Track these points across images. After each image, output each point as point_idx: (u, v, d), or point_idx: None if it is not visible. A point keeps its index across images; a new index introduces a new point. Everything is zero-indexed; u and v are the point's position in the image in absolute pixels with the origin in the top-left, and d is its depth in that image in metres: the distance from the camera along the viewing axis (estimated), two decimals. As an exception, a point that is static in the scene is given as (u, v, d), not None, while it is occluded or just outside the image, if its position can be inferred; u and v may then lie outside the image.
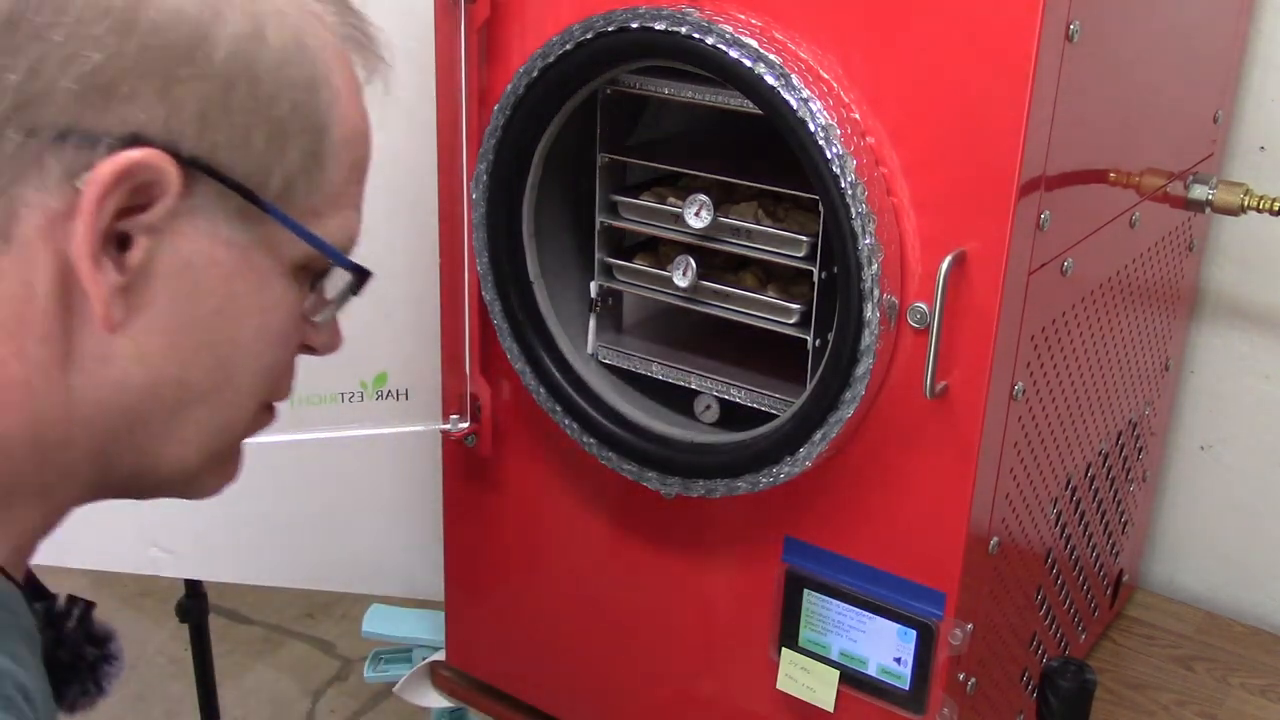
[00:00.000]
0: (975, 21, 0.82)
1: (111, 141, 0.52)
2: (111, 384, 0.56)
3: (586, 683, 1.24)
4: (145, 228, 0.54)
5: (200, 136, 0.55)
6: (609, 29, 0.94)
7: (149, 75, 0.53)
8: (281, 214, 0.58)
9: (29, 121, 0.51)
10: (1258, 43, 1.30)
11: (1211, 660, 1.35)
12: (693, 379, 1.07)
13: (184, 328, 0.57)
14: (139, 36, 0.52)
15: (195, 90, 0.54)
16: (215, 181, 0.55)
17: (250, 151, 0.56)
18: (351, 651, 2.37)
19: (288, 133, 0.58)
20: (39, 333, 0.54)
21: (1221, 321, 1.40)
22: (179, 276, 0.56)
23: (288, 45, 0.57)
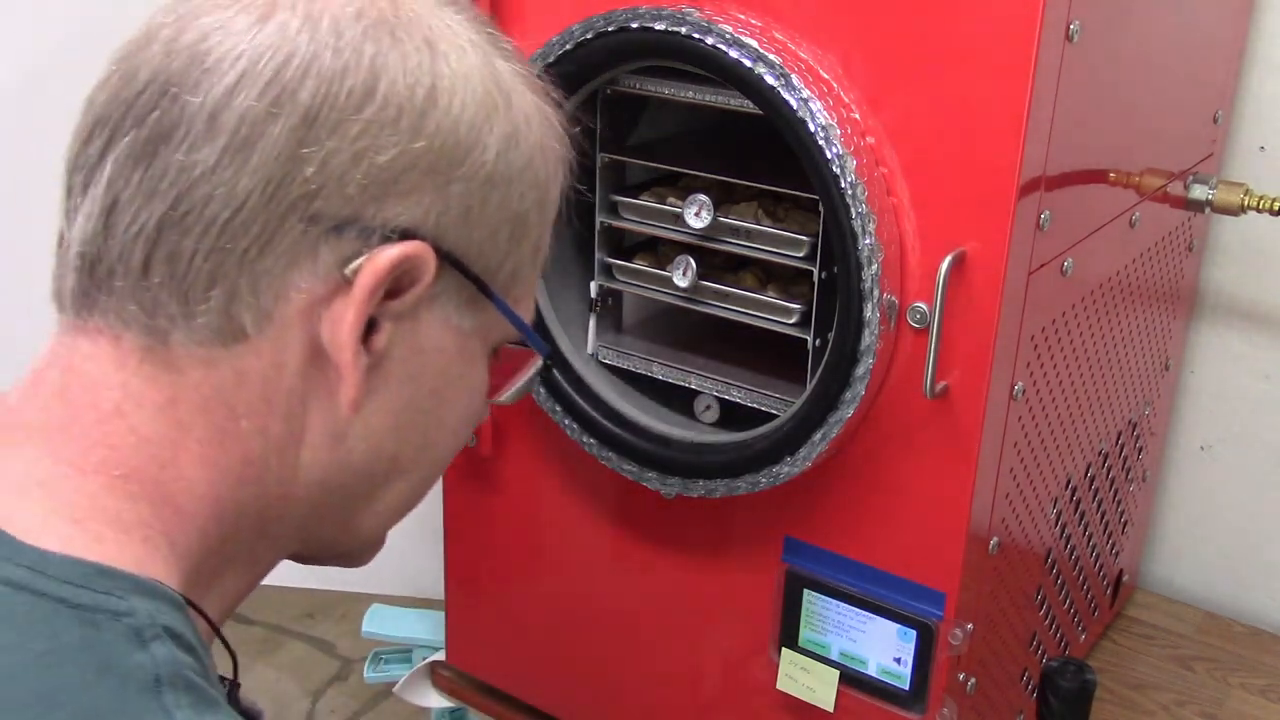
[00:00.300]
0: (975, 21, 0.82)
1: (385, 233, 0.55)
2: (337, 462, 0.59)
3: (586, 683, 1.24)
4: (394, 314, 0.57)
5: (459, 232, 0.58)
6: (609, 29, 0.94)
7: (429, 174, 0.56)
8: (506, 305, 0.61)
9: (313, 211, 0.54)
10: (1258, 43, 1.30)
11: (1211, 660, 1.35)
12: (693, 379, 1.07)
13: (406, 408, 0.60)
14: (426, 139, 0.55)
15: (464, 190, 0.57)
16: (458, 273, 0.58)
17: (495, 246, 0.60)
18: (351, 651, 2.37)
19: (526, 228, 0.61)
20: (282, 411, 0.57)
21: (1221, 321, 1.40)
22: (410, 360, 0.59)
23: (534, 145, 0.61)
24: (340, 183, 0.54)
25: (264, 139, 0.53)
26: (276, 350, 0.56)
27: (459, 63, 0.57)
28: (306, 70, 0.53)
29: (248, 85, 0.53)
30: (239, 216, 0.53)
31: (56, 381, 0.56)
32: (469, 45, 0.58)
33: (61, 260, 0.57)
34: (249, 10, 0.54)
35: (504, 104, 0.59)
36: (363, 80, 0.54)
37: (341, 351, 0.56)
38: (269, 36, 0.54)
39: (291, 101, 0.53)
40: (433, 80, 0.56)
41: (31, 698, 0.46)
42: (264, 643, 2.40)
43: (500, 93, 0.59)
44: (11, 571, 0.49)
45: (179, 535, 0.55)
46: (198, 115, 0.53)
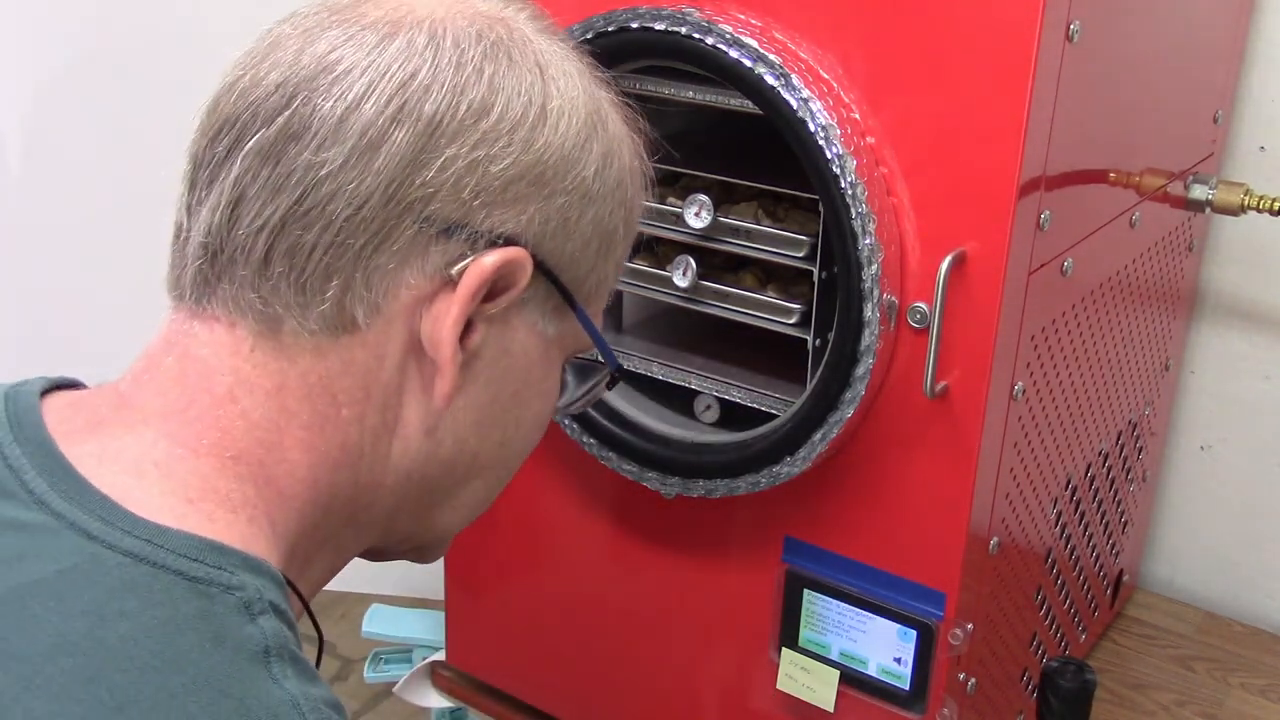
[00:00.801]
0: (975, 21, 0.82)
1: (491, 239, 0.59)
2: (425, 454, 0.63)
3: (586, 683, 1.24)
4: (488, 316, 0.61)
5: (555, 243, 0.62)
6: (609, 29, 0.94)
7: (535, 186, 0.60)
8: (586, 316, 0.65)
9: (427, 213, 0.58)
10: (1258, 43, 1.30)
11: (1211, 660, 1.35)
12: (693, 379, 1.07)
13: (490, 406, 0.64)
14: (535, 153, 0.60)
15: (563, 203, 0.61)
16: (548, 281, 0.62)
17: (584, 258, 0.64)
18: (351, 651, 2.37)
19: (614, 243, 0.65)
20: (379, 402, 0.60)
21: (1221, 321, 1.40)
22: (498, 361, 0.63)
23: (625, 165, 0.65)
24: (455, 188, 0.58)
25: (388, 143, 0.56)
26: (380, 343, 0.59)
27: (566, 86, 0.62)
28: (432, 82, 0.57)
29: (376, 93, 0.57)
30: (360, 214, 0.57)
31: (174, 368, 0.59)
32: (575, 72, 0.63)
33: (180, 251, 0.60)
34: (375, 28, 0.58)
35: (601, 127, 0.63)
36: (481, 96, 0.58)
37: (441, 347, 0.59)
38: (397, 51, 0.58)
39: (417, 111, 0.57)
40: (544, 100, 0.60)
41: (158, 660, 0.49)
42: (264, 643, 2.40)
43: (599, 116, 0.63)
44: (132, 544, 0.52)
45: (279, 516, 0.58)
46: (328, 118, 0.57)
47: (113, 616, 0.50)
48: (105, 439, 0.57)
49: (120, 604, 0.51)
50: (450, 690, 1.37)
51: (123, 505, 0.54)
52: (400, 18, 0.59)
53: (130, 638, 0.50)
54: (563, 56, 0.63)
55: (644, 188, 0.68)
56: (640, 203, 0.68)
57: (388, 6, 0.60)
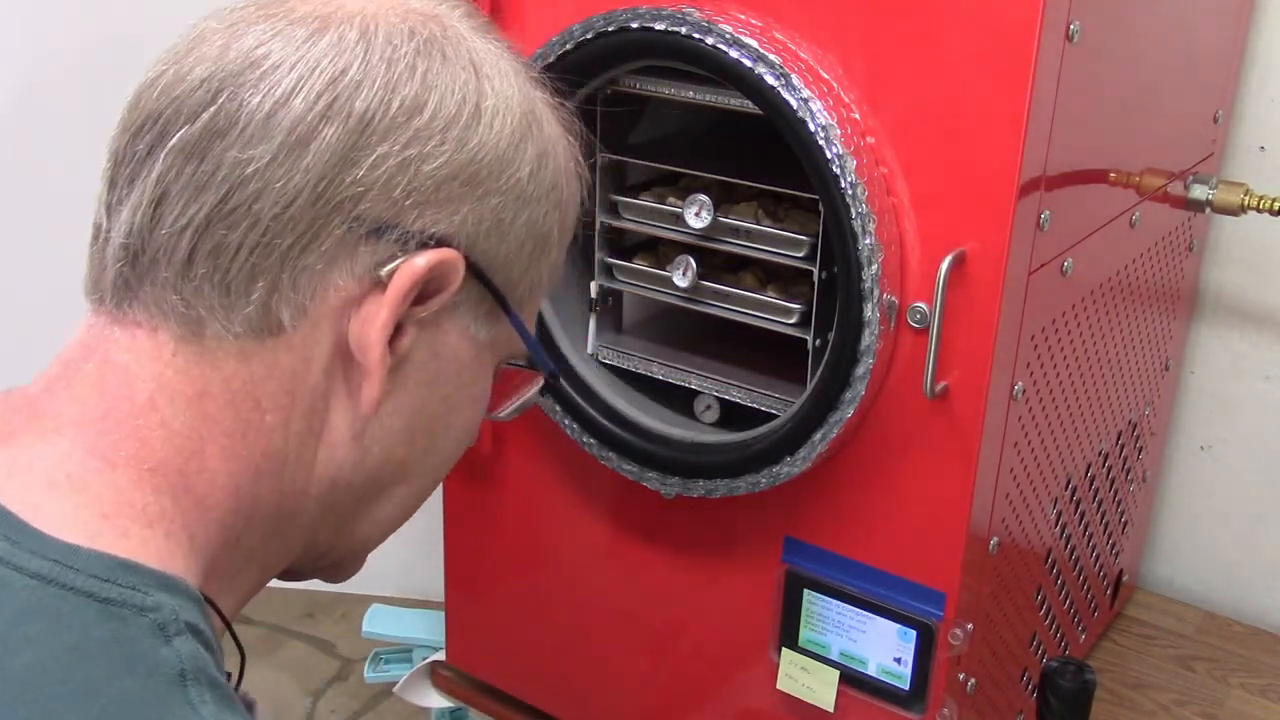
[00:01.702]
0: (975, 21, 0.82)
1: (422, 240, 0.57)
2: (352, 462, 0.61)
3: (586, 683, 1.24)
4: (418, 319, 0.59)
5: (487, 245, 0.60)
6: (609, 29, 0.94)
7: (468, 186, 0.58)
8: (520, 320, 0.64)
9: (357, 213, 0.56)
10: (1258, 43, 1.30)
11: (1211, 660, 1.35)
12: (693, 379, 1.07)
13: (419, 412, 0.62)
14: (468, 152, 0.58)
15: (497, 204, 0.60)
16: (480, 284, 0.61)
17: (518, 261, 0.62)
18: (351, 651, 2.37)
19: (548, 246, 0.64)
20: (305, 407, 0.58)
21: (1221, 321, 1.40)
22: (428, 365, 0.61)
23: (560, 168, 0.64)
24: (386, 188, 0.56)
25: (317, 140, 0.55)
26: (307, 346, 0.57)
27: (501, 85, 0.60)
28: (363, 79, 0.56)
29: (305, 89, 0.55)
30: (287, 213, 0.55)
31: (93, 374, 0.57)
32: (510, 71, 0.62)
33: (99, 253, 0.58)
34: (304, 23, 0.57)
35: (536, 127, 0.62)
36: (414, 93, 0.57)
37: (369, 351, 0.57)
38: (327, 46, 0.56)
39: (347, 107, 0.55)
40: (478, 99, 0.59)
41: (66, 689, 0.47)
42: (264, 643, 2.40)
43: (534, 116, 0.62)
44: (40, 565, 0.50)
45: (199, 529, 0.56)
46: (255, 114, 0.55)
47: (17, 643, 0.48)
48: (16, 450, 0.55)
49: (25, 629, 0.48)
50: (450, 690, 1.37)
51: (31, 524, 0.52)
52: (330, 13, 0.57)
53: (36, 666, 0.48)
54: (497, 55, 0.62)
55: (580, 190, 0.67)
56: (576, 205, 0.67)
57: (316, 2, 0.58)
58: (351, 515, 0.64)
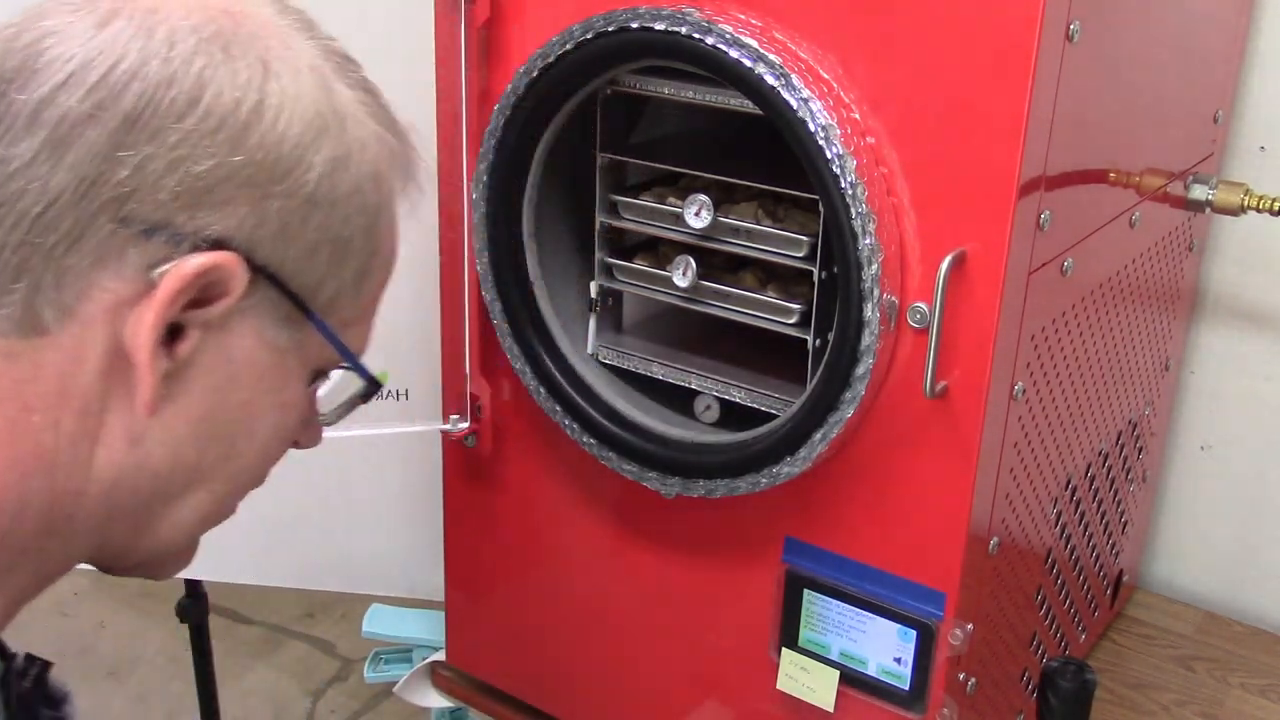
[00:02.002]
0: (975, 21, 0.82)
1: (196, 241, 0.56)
2: (133, 464, 0.59)
3: (586, 683, 1.24)
4: (201, 322, 0.58)
5: (274, 248, 0.58)
6: (609, 29, 0.94)
7: (246, 187, 0.57)
8: (324, 325, 0.62)
9: (124, 213, 0.55)
10: (1258, 42, 1.30)
11: (1211, 660, 1.35)
12: (693, 379, 1.07)
13: (209, 417, 0.60)
14: (246, 152, 0.56)
15: (283, 207, 0.58)
16: (274, 288, 0.59)
17: (314, 265, 0.60)
18: (351, 651, 2.37)
19: (349, 251, 0.62)
20: (77, 407, 0.57)
21: (1221, 321, 1.40)
22: (217, 370, 0.60)
23: (365, 173, 0.62)
24: (154, 188, 0.55)
25: (82, 139, 0.54)
26: (77, 346, 0.56)
27: (292, 83, 0.58)
28: (133, 76, 0.54)
29: (74, 86, 0.54)
30: (50, 212, 0.54)
31: None
32: (308, 69, 0.60)
33: None
34: (89, 14, 0.56)
35: (336, 128, 0.60)
36: (187, 91, 0.55)
37: (139, 353, 0.56)
38: (103, 41, 0.55)
39: (114, 105, 0.54)
40: (260, 97, 0.57)
41: None
42: (264, 643, 2.40)
43: (334, 116, 0.60)
44: None
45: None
46: (21, 111, 0.54)
47: None
48: None
49: None
50: (450, 690, 1.37)
51: None
52: (121, 7, 0.56)
53: None
54: (304, 54, 0.60)
55: (398, 196, 0.65)
56: (394, 211, 0.65)
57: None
58: (146, 518, 0.62)
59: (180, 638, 1.94)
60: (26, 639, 0.65)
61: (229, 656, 2.35)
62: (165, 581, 0.72)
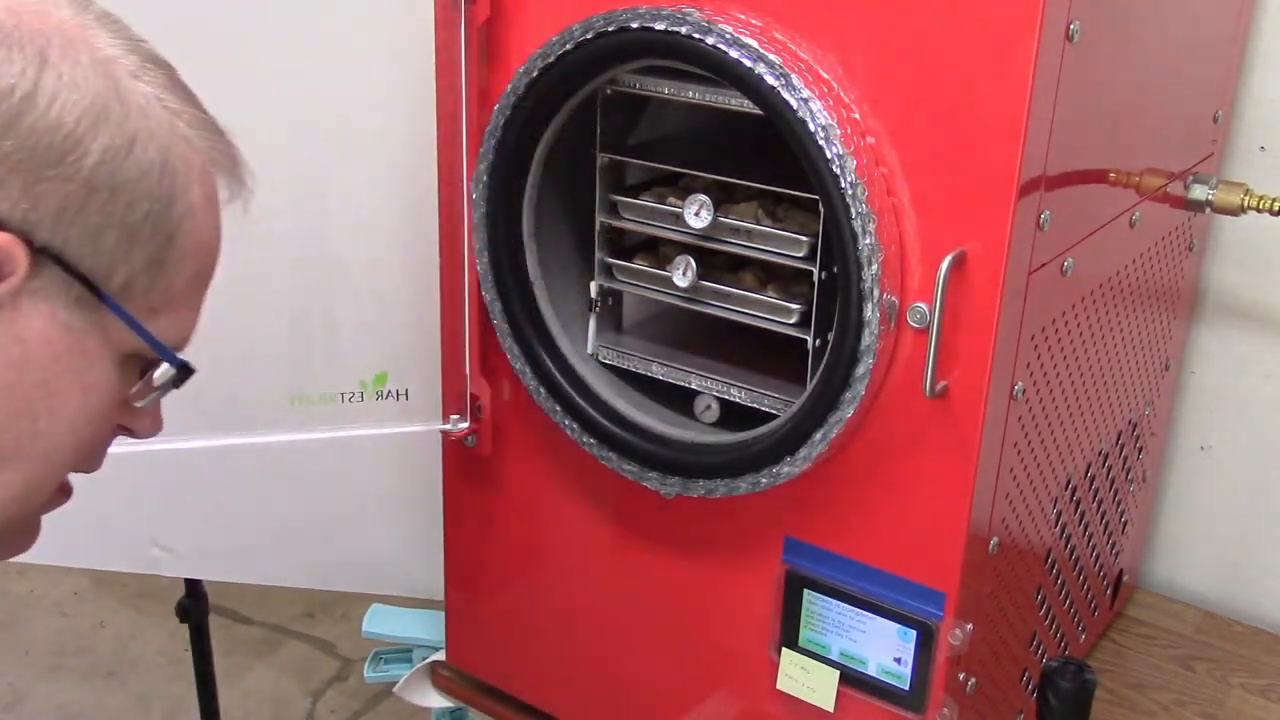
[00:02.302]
0: (975, 21, 0.82)
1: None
2: None
3: (586, 683, 1.24)
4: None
5: (55, 230, 0.60)
6: (609, 29, 0.94)
7: (18, 170, 0.58)
8: (119, 307, 0.64)
9: None
10: (1258, 42, 1.30)
11: (1211, 660, 1.35)
12: (693, 379, 1.07)
13: (5, 394, 0.61)
14: (16, 137, 0.58)
15: (59, 190, 0.60)
16: (61, 270, 0.61)
17: (100, 249, 0.62)
18: (351, 651, 2.37)
19: (137, 237, 0.63)
20: None
21: (1221, 321, 1.40)
22: (9, 349, 0.61)
23: (153, 161, 0.63)
24: None
25: None
26: None
27: (70, 73, 0.60)
28: None
29: None
30: None
31: None
32: (90, 63, 0.62)
33: None
34: None
35: (119, 117, 0.62)
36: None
37: None
38: None
39: None
40: (34, 86, 0.59)
41: None
42: (264, 643, 2.40)
43: (119, 105, 0.62)
44: None
45: None
46: None
47: None
48: None
49: None
50: (450, 690, 1.37)
51: None
52: None
53: None
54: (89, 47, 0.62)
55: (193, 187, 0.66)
56: (194, 203, 0.66)
57: None
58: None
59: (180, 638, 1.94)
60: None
61: (229, 656, 2.35)
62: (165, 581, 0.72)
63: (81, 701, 2.31)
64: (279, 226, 1.21)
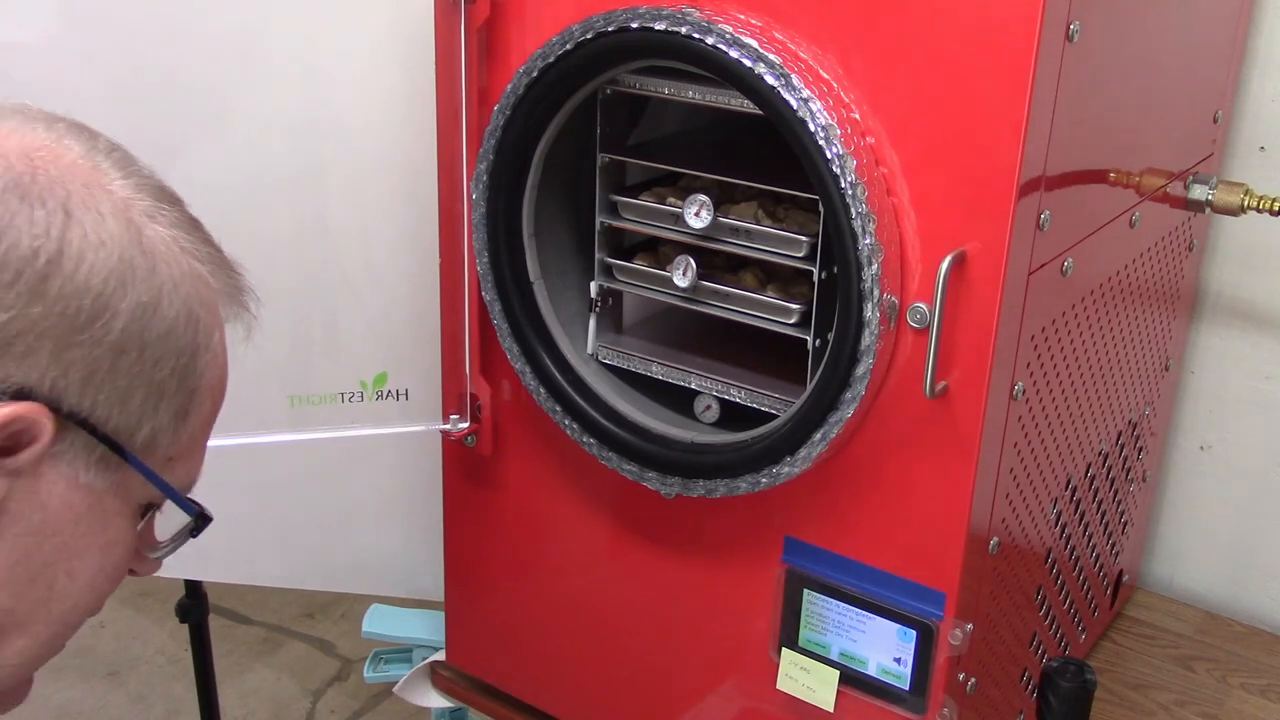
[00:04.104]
0: (975, 21, 0.82)
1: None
2: None
3: (586, 683, 1.24)
4: (9, 470, 0.57)
5: (82, 394, 0.57)
6: (609, 29, 0.94)
7: (46, 337, 0.56)
8: (144, 466, 0.61)
9: None
10: (1258, 42, 1.30)
11: (1211, 660, 1.35)
12: (693, 379, 1.07)
13: (23, 560, 0.59)
14: (45, 303, 0.55)
15: (87, 354, 0.57)
16: (86, 434, 0.58)
17: (127, 409, 0.60)
18: (351, 651, 2.37)
19: (164, 393, 0.61)
20: None
21: (1221, 321, 1.40)
22: (30, 515, 0.58)
23: (178, 313, 0.61)
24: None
25: None
26: None
27: (95, 229, 0.57)
28: None
29: None
30: None
31: None
32: (112, 212, 0.58)
33: None
34: None
35: (145, 271, 0.59)
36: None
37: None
38: None
39: None
40: (60, 246, 0.56)
41: None
42: (264, 643, 2.40)
43: (143, 259, 0.59)
44: None
45: None
46: None
47: None
48: None
49: None
50: (450, 690, 1.37)
51: None
52: None
53: None
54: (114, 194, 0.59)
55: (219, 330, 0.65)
56: (215, 347, 0.64)
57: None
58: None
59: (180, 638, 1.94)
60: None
61: (229, 656, 2.35)
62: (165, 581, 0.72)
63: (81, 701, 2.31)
64: (279, 226, 1.21)
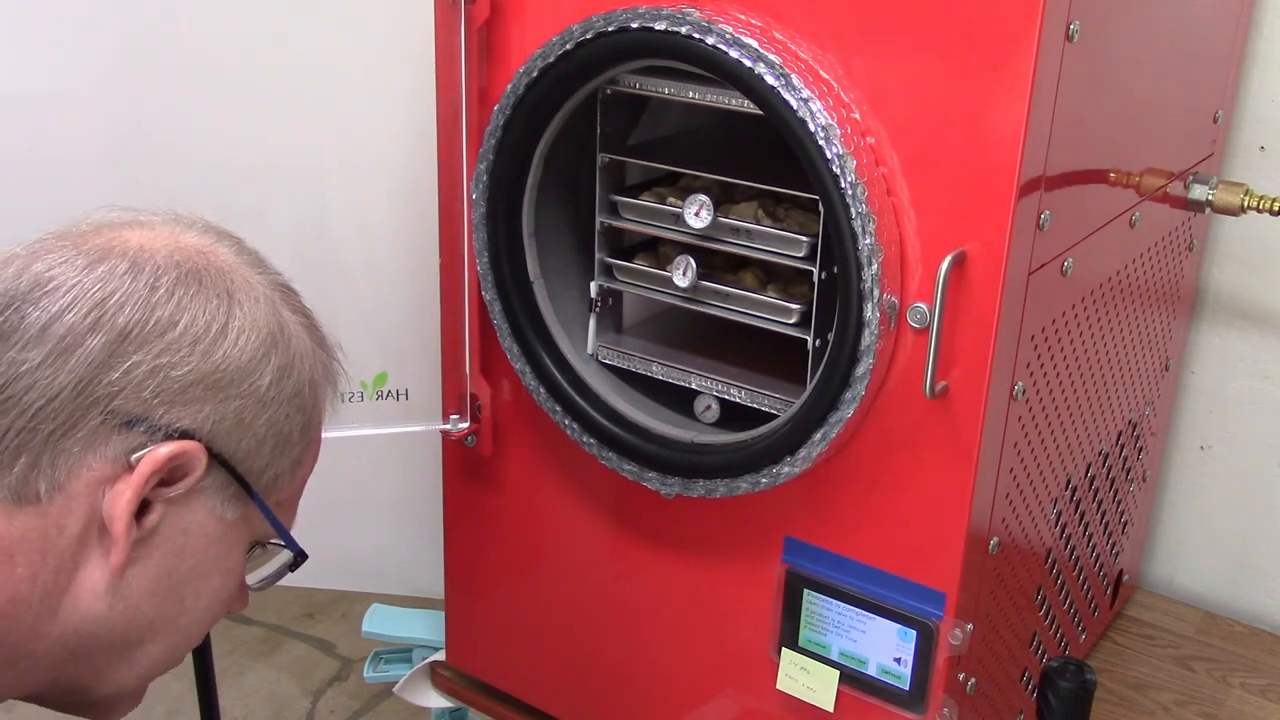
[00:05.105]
0: (975, 21, 0.83)
1: (168, 432, 0.68)
2: (94, 616, 0.69)
3: (586, 683, 1.24)
4: (166, 499, 0.69)
5: (230, 438, 0.71)
6: (609, 29, 0.94)
7: (210, 390, 0.70)
8: (264, 505, 0.74)
9: (111, 407, 0.67)
10: (1258, 43, 1.30)
11: (1211, 660, 1.35)
12: (693, 379, 1.07)
13: (166, 578, 0.71)
14: (213, 363, 0.69)
15: (239, 407, 0.71)
16: (226, 472, 0.71)
17: (259, 454, 0.73)
18: (351, 651, 2.37)
19: (288, 444, 0.75)
20: (54, 564, 0.68)
21: (1221, 321, 1.40)
22: (175, 539, 0.71)
23: (304, 380, 0.75)
24: (138, 389, 0.67)
25: (82, 348, 0.66)
26: (61, 515, 0.67)
27: (250, 309, 0.72)
28: (125, 300, 0.68)
29: (76, 306, 0.67)
30: (51, 405, 0.66)
31: None
32: (262, 297, 0.73)
33: None
34: (88, 254, 0.69)
35: (283, 344, 0.73)
36: (169, 313, 0.69)
37: (115, 523, 0.67)
38: (102, 274, 0.68)
39: (111, 322, 0.67)
40: (226, 320, 0.71)
41: None
42: (264, 643, 2.40)
43: (282, 335, 0.73)
44: None
45: None
46: (33, 325, 0.66)
47: None
48: None
49: None
50: (450, 690, 1.37)
51: None
52: (112, 246, 0.69)
53: None
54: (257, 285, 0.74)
55: (328, 398, 0.79)
56: (323, 410, 0.78)
57: (107, 236, 0.70)
58: (103, 662, 0.72)
59: (180, 638, 1.93)
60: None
61: (229, 656, 2.35)
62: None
63: (81, 701, 2.31)
64: (279, 226, 1.21)
